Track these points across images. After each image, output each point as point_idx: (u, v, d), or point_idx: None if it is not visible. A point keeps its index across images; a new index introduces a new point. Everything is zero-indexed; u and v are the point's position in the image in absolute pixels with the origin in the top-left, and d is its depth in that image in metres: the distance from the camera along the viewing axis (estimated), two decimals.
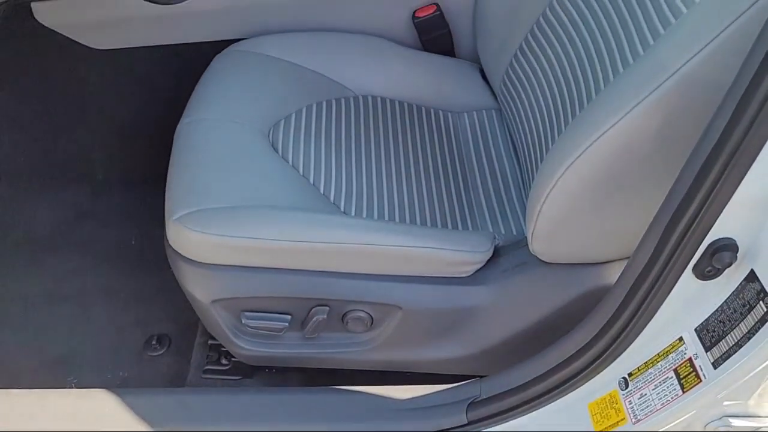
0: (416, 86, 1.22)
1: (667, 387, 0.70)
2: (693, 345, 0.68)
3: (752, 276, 0.62)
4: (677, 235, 0.63)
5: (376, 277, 0.92)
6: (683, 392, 0.68)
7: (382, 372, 1.01)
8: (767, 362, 0.62)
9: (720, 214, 0.61)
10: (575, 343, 0.77)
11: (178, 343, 1.16)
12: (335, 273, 0.91)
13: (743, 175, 0.59)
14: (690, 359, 0.69)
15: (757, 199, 0.60)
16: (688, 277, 0.66)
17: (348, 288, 0.92)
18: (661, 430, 0.71)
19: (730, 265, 0.63)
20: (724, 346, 0.64)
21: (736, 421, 0.68)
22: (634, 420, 0.72)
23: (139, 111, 1.31)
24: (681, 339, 0.70)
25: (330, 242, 0.89)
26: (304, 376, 1.08)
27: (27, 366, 1.12)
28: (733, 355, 0.63)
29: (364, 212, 0.99)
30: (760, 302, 0.61)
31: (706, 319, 0.67)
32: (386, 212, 1.00)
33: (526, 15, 1.08)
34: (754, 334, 0.62)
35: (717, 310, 0.66)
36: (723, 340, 0.64)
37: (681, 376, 0.69)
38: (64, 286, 1.22)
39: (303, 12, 1.25)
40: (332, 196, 1.00)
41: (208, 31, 1.25)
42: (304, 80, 1.18)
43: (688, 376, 0.68)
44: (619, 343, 0.74)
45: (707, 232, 0.62)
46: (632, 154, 0.72)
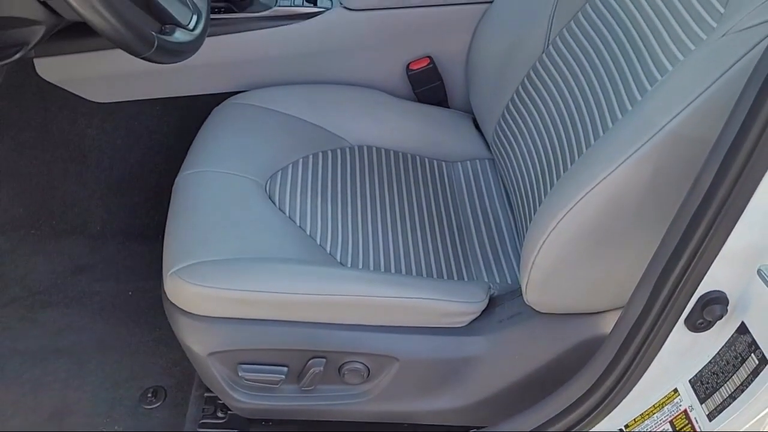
0: (411, 136, 1.24)
1: None
2: (688, 397, 0.69)
3: (743, 328, 0.63)
4: (668, 287, 0.64)
5: (372, 328, 0.92)
6: None
7: (380, 424, 1.01)
8: (761, 414, 0.62)
9: (709, 267, 0.62)
10: (572, 394, 0.78)
11: (174, 397, 1.16)
12: (332, 324, 0.92)
13: (730, 230, 0.60)
14: (685, 411, 0.69)
15: (745, 253, 0.61)
16: (680, 329, 0.67)
17: (344, 339, 0.92)
18: None
19: (721, 317, 0.64)
20: (718, 398, 0.65)
21: None
22: None
23: (137, 163, 1.33)
24: (676, 390, 0.70)
25: (326, 294, 0.90)
26: (301, 429, 1.07)
27: (22, 422, 1.11)
28: (728, 407, 0.64)
29: (360, 263, 1.00)
30: (752, 354, 0.62)
31: (700, 371, 0.68)
32: (382, 262, 1.01)
33: (517, 68, 1.11)
34: (747, 387, 0.62)
35: (710, 362, 0.67)
36: (717, 392, 0.65)
37: (677, 428, 0.69)
38: (60, 341, 1.22)
39: (299, 65, 1.28)
40: (329, 246, 1.01)
41: (207, 84, 1.28)
42: (301, 132, 1.20)
43: (683, 428, 0.68)
44: (615, 395, 0.74)
45: (697, 285, 0.63)
46: (622, 208, 0.73)
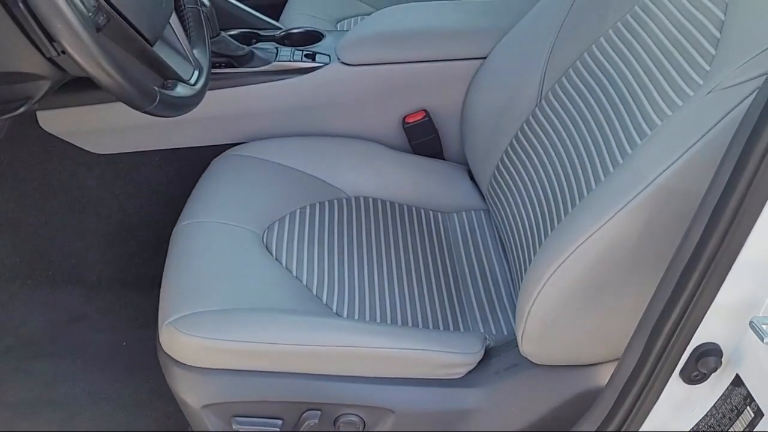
0: (407, 187, 1.26)
1: None
2: None
3: (738, 381, 0.63)
4: (662, 340, 0.65)
5: (367, 379, 0.92)
6: None
7: None
8: None
9: (702, 319, 0.63)
10: None
11: None
12: (327, 376, 0.91)
13: (721, 283, 0.61)
14: None
15: (736, 305, 0.62)
16: (676, 382, 0.67)
17: (339, 391, 0.91)
18: None
19: (716, 369, 0.64)
20: None
21: None
22: None
23: (136, 212, 1.34)
24: None
25: (321, 345, 0.90)
26: None
27: None
28: None
29: (356, 313, 1.00)
30: (747, 407, 0.62)
31: (697, 424, 0.68)
32: (378, 313, 1.01)
33: (511, 122, 1.14)
34: None
35: (707, 415, 0.67)
36: None
37: None
38: (53, 392, 1.21)
39: (297, 118, 1.30)
40: (324, 297, 1.02)
41: (207, 136, 1.31)
42: (299, 183, 1.21)
43: None
44: None
45: (691, 337, 0.64)
46: (615, 259, 0.74)
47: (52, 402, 1.19)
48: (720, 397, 0.65)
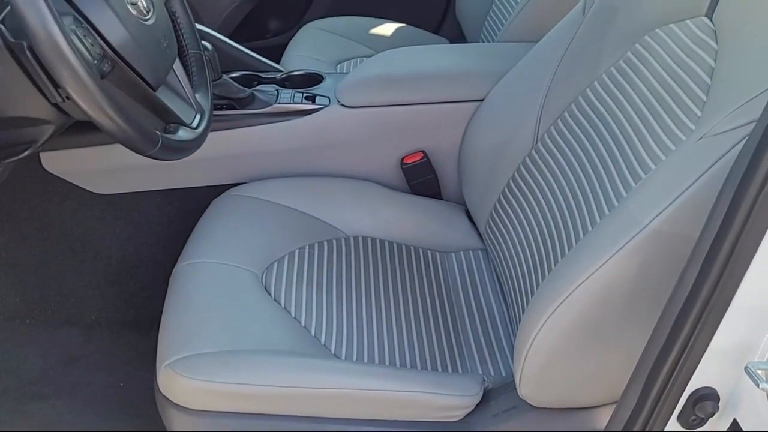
0: (405, 227, 1.27)
1: None
2: None
3: (735, 425, 0.63)
4: (659, 384, 0.65)
5: (365, 422, 0.91)
6: None
7: None
8: None
9: (698, 364, 0.63)
10: None
11: None
12: (325, 419, 0.91)
13: (716, 327, 0.61)
14: None
15: (732, 350, 0.62)
16: (674, 426, 0.67)
17: None
18: None
19: (713, 414, 0.64)
20: None
21: None
22: None
23: (136, 252, 1.35)
24: None
25: (319, 387, 0.90)
26: None
27: None
28: None
29: (354, 354, 1.00)
30: None
31: None
32: (376, 354, 1.01)
33: (507, 163, 1.15)
34: None
35: None
36: None
37: None
38: None
39: (297, 159, 1.32)
40: (323, 338, 1.02)
41: (207, 177, 1.32)
42: (298, 223, 1.22)
43: None
44: None
45: (687, 382, 0.64)
46: (612, 302, 0.75)
47: None
48: None
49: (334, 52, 1.80)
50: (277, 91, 1.32)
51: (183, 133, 0.88)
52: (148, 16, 0.85)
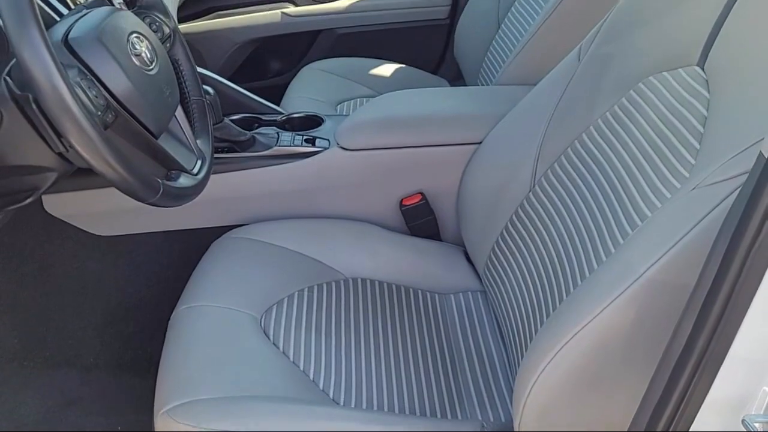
0: (404, 269, 1.27)
1: None
2: None
3: None
4: None
5: None
6: None
7: None
8: None
9: (695, 415, 0.63)
10: None
11: None
12: None
13: (713, 379, 0.61)
14: None
15: (729, 402, 0.62)
16: None
17: None
18: None
19: None
20: None
21: None
22: None
23: (135, 294, 1.35)
24: None
25: None
26: None
27: None
28: None
29: (353, 400, 1.00)
30: None
31: None
32: (375, 399, 1.01)
33: (505, 205, 1.16)
34: None
35: None
36: None
37: None
38: None
39: (297, 201, 1.33)
40: (321, 383, 1.02)
41: (208, 218, 1.33)
42: (297, 265, 1.23)
43: None
44: None
45: None
46: (608, 352, 0.75)
47: None
48: None
49: (334, 93, 1.83)
50: (278, 133, 1.34)
51: (184, 180, 0.90)
52: (151, 67, 0.87)
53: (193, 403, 0.90)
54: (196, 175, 0.94)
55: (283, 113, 1.44)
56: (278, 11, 2.11)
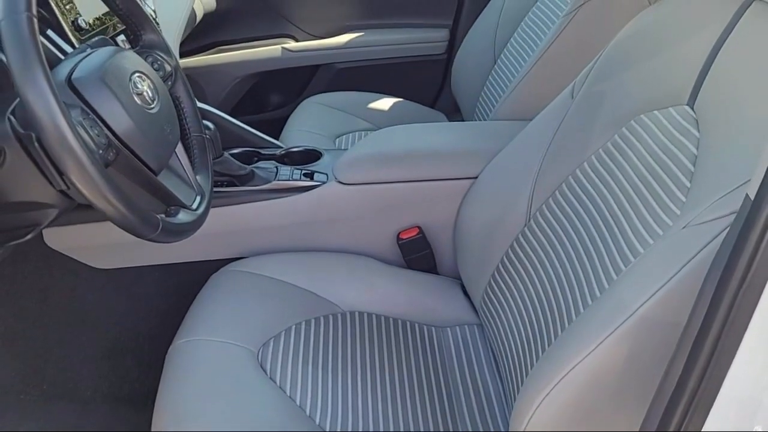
0: (401, 302, 1.28)
1: None
2: None
3: None
4: None
5: None
6: None
7: None
8: None
9: None
10: None
11: None
12: None
13: (705, 418, 0.62)
14: None
15: None
16: None
17: None
18: None
19: None
20: None
21: None
22: None
23: (133, 327, 1.35)
24: None
25: None
26: None
27: None
28: None
29: None
30: None
31: None
32: None
33: (501, 239, 1.17)
34: None
35: None
36: None
37: None
38: None
39: (295, 234, 1.34)
40: (318, 418, 1.02)
41: (206, 251, 1.34)
42: (295, 298, 1.23)
43: None
44: None
45: None
46: (601, 389, 0.75)
47: None
48: None
49: (333, 126, 1.85)
50: (277, 167, 1.35)
51: (183, 216, 0.91)
52: (152, 105, 0.89)
53: None
54: (196, 210, 0.95)
55: (282, 147, 1.46)
56: (279, 46, 2.15)
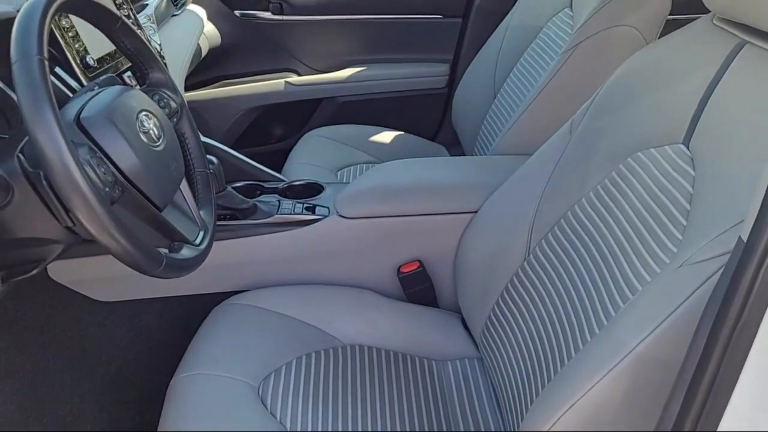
0: (401, 335, 1.29)
1: None
2: None
3: None
4: None
5: None
6: None
7: None
8: None
9: None
10: None
11: None
12: None
13: None
14: None
15: None
16: None
17: None
18: None
19: None
20: None
21: None
22: None
23: (134, 360, 1.36)
24: None
25: None
26: None
27: None
28: None
29: None
30: None
31: None
32: None
33: (501, 274, 1.18)
34: None
35: None
36: None
37: None
38: None
39: (296, 267, 1.35)
40: None
41: (208, 284, 1.35)
42: (296, 332, 1.24)
43: None
44: None
45: None
46: (600, 426, 0.76)
47: None
48: None
49: (334, 159, 1.88)
50: (279, 201, 1.37)
51: (186, 251, 0.92)
52: (158, 143, 0.91)
53: None
54: (199, 245, 0.96)
55: (284, 180, 1.48)
56: (282, 80, 2.19)
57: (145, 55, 1.02)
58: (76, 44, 1.15)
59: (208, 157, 1.14)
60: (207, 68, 2.14)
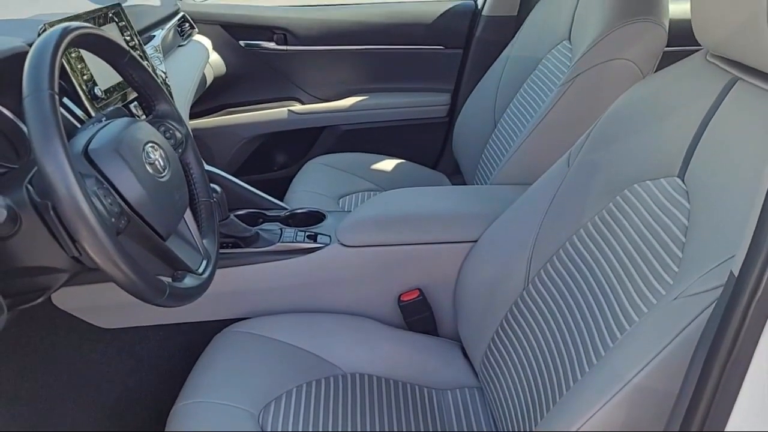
0: (401, 364, 1.29)
1: None
2: None
3: None
4: None
5: None
6: None
7: None
8: None
9: None
10: None
11: None
12: None
13: None
14: None
15: None
16: None
17: None
18: None
19: None
20: None
21: None
22: None
23: (136, 387, 1.36)
24: None
25: None
26: None
27: None
28: None
29: None
30: None
31: None
32: None
33: (501, 303, 1.19)
34: None
35: None
36: None
37: None
38: None
39: (298, 295, 1.36)
40: None
41: (210, 312, 1.36)
42: (297, 360, 1.25)
43: None
44: None
45: None
46: None
47: None
48: None
49: (336, 187, 1.90)
50: (281, 229, 1.38)
51: (189, 281, 0.93)
52: (163, 174, 0.93)
53: None
54: (202, 275, 0.98)
55: (286, 208, 1.49)
56: (285, 108, 2.22)
57: (152, 87, 1.04)
58: (84, 75, 1.18)
59: (212, 185, 1.16)
60: (212, 97, 2.17)
